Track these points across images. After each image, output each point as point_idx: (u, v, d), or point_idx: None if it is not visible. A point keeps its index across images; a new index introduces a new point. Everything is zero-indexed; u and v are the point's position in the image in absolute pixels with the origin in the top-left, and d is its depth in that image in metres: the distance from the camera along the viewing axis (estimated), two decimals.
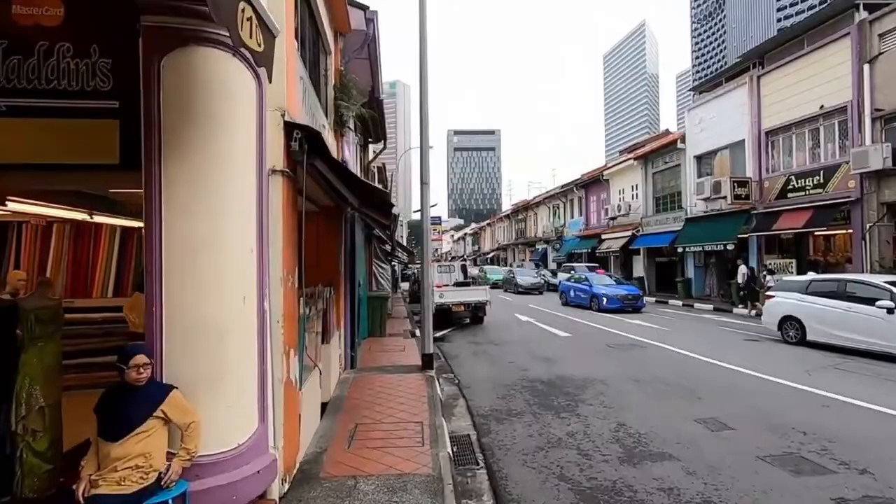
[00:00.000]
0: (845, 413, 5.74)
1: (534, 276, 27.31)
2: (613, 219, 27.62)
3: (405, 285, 27.76)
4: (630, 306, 16.48)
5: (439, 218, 29.17)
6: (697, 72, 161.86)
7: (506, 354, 9.76)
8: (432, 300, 8.88)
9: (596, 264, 26.88)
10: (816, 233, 16.82)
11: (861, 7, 14.43)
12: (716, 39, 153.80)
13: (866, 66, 13.77)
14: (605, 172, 29.21)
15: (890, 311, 8.17)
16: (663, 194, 23.95)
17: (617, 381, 7.39)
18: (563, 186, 36.78)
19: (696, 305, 18.34)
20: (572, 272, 24.98)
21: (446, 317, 13.45)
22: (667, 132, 30.39)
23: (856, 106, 14.07)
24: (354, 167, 10.19)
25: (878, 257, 13.53)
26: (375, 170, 17.87)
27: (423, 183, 8.43)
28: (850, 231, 14.61)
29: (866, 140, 13.69)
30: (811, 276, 10.60)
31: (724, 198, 17.76)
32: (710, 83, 21.17)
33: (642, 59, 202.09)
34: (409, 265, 31.28)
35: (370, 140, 15.54)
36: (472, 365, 8.89)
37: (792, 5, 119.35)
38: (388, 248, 17.17)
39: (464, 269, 17.45)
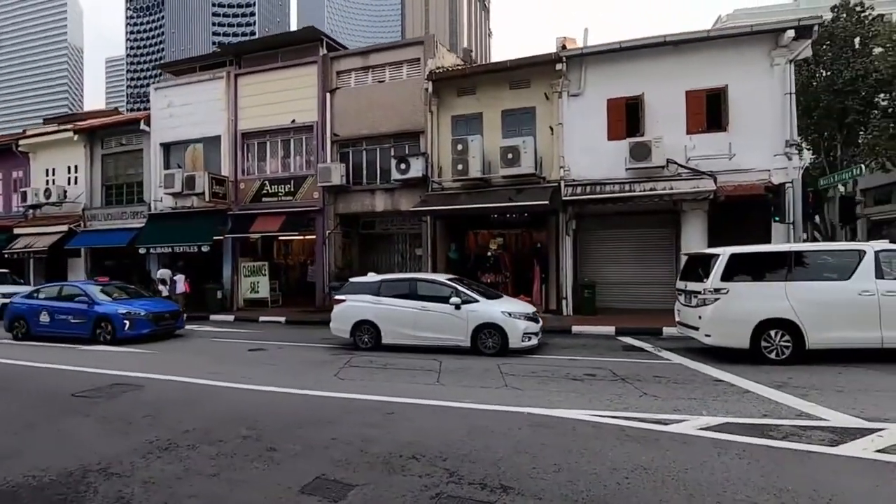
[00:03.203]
0: (422, 415, 5.55)
1: None
2: (37, 207, 20.13)
3: None
4: (170, 328, 11.59)
5: None
6: (132, 63, 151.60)
7: None
8: None
9: (5, 269, 18.58)
10: (281, 237, 18.14)
11: (324, 43, 16.69)
12: (154, 36, 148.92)
13: (328, 95, 15.98)
14: (23, 142, 20.87)
15: (457, 307, 8.68)
16: (118, 183, 19.54)
17: (131, 459, 4.39)
18: None
19: None
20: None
21: None
22: (116, 111, 25.53)
23: (320, 127, 16.04)
24: None
25: (334, 259, 15.87)
26: None
27: None
28: (314, 237, 16.53)
29: (328, 159, 15.84)
30: (381, 276, 10.10)
31: (201, 195, 16.16)
32: (181, 65, 19.02)
33: (63, 25, 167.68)
34: None
35: None
36: None
37: (225, 35, 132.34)
38: None
39: None
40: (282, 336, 11.72)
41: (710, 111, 12.35)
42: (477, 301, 8.79)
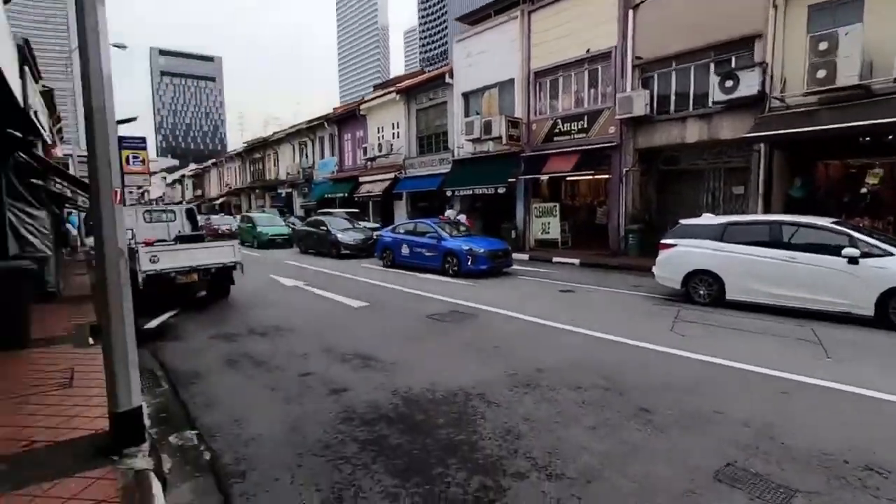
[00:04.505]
0: (830, 404, 4.21)
1: (359, 229, 17.68)
2: (372, 159, 24.89)
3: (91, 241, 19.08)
4: (502, 266, 12.16)
5: (144, 140, 20.28)
6: (423, 31, 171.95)
7: (289, 357, 5.73)
8: (124, 272, 3.65)
9: (356, 209, 23.88)
10: (569, 177, 17.62)
11: None
12: (440, 1, 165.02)
13: (630, 13, 14.05)
14: (362, 107, 25.90)
15: (852, 260, 6.47)
16: (428, 133, 22.28)
17: (501, 390, 4.49)
18: (310, 122, 31.92)
19: None
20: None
21: (168, 292, 8.28)
22: (423, 71, 28.96)
23: (619, 52, 14.38)
24: None
25: (631, 199, 14.51)
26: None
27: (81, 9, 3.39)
28: (605, 176, 15.44)
29: (628, 87, 14.18)
30: (724, 218, 8.55)
31: (499, 138, 16.84)
32: (476, 14, 19.83)
33: (374, 9, 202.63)
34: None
35: None
36: (234, 395, 4.62)
37: None
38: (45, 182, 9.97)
39: (191, 215, 11.71)
40: (582, 278, 11.32)
41: None
42: (890, 255, 6.27)
